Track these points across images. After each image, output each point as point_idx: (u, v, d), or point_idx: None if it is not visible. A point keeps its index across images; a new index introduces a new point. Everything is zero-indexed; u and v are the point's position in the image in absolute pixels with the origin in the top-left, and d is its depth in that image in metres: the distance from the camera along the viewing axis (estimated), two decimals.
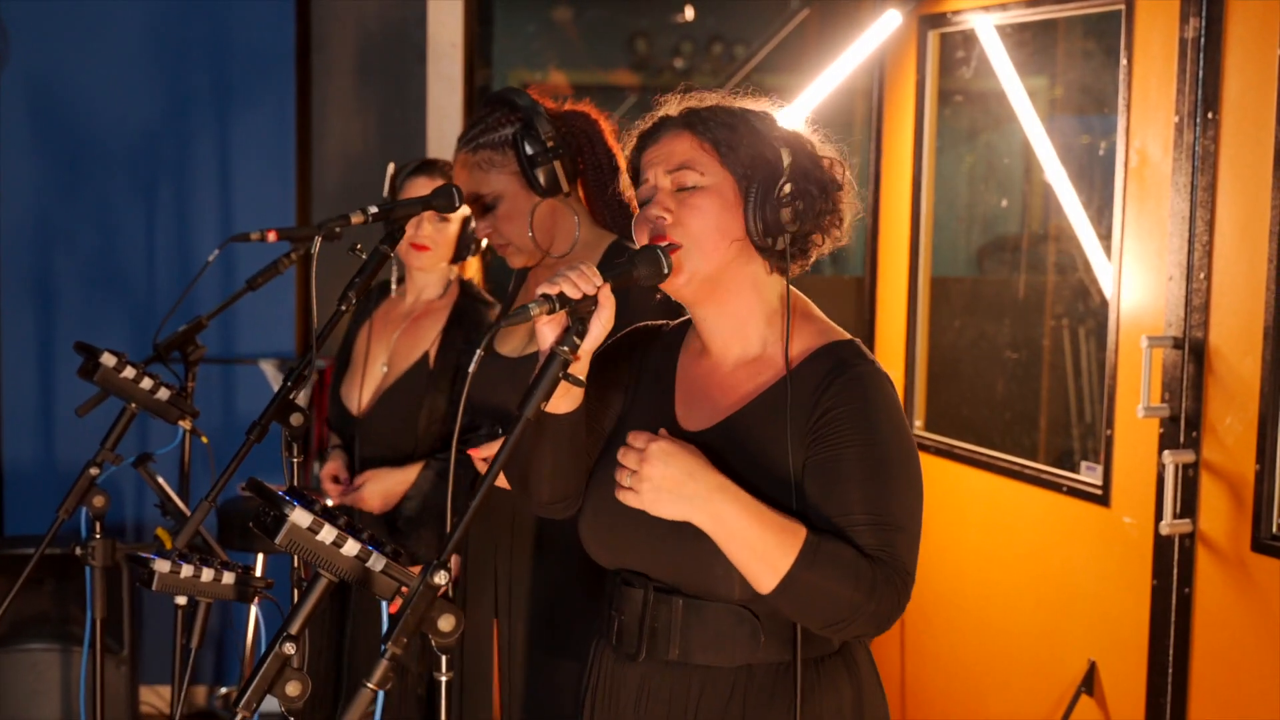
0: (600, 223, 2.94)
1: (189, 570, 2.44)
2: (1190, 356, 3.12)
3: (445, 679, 1.88)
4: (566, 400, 2.01)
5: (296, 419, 2.68)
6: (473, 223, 3.48)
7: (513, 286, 3.13)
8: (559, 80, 6.13)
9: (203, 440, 3.02)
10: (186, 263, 4.85)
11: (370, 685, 1.78)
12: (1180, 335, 3.15)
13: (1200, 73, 3.08)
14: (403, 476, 3.42)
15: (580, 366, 1.96)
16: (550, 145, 2.84)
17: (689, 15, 6.26)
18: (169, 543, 2.68)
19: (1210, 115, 3.07)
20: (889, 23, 4.01)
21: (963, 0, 3.88)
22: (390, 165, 3.59)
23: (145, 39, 4.81)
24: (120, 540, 3.00)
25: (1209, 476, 3.10)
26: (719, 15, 6.30)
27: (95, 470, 2.88)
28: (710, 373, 2.12)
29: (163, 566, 2.42)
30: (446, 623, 1.79)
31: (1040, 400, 4.85)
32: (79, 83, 4.81)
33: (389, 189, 3.55)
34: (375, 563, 1.82)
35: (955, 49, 4.28)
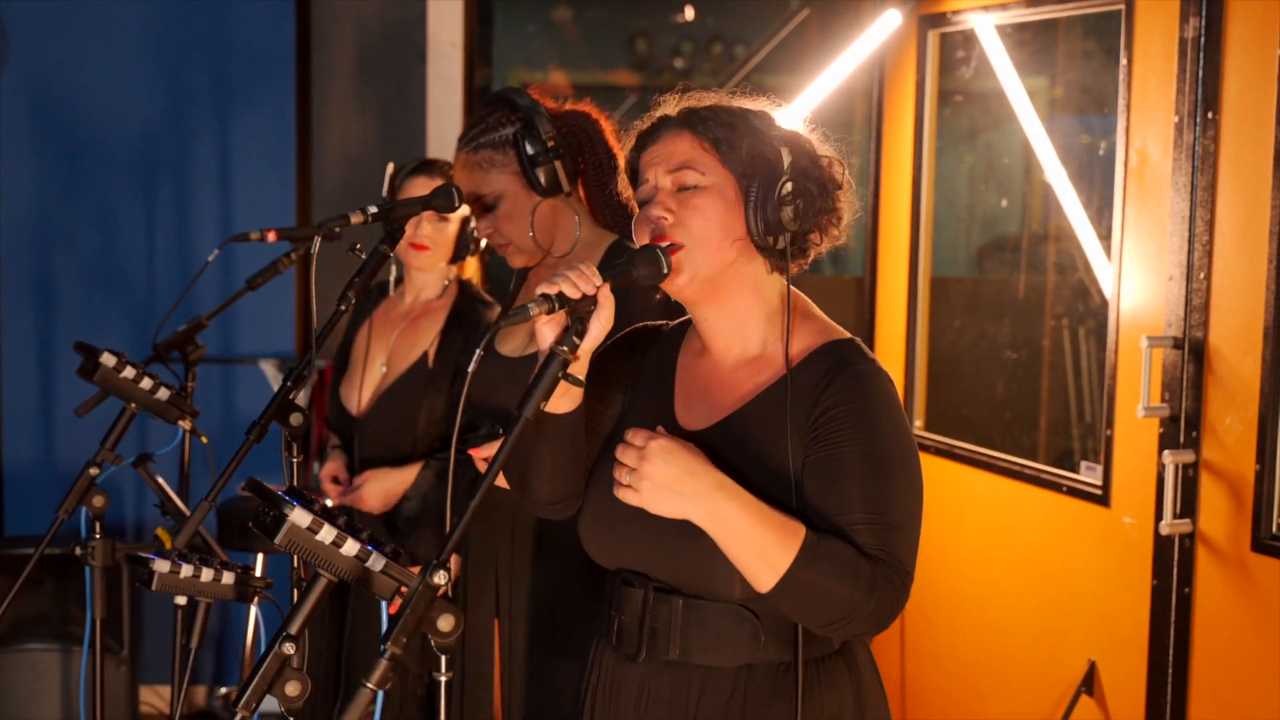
0: (601, 222, 2.94)
1: (189, 570, 2.44)
2: (1190, 356, 3.12)
3: (445, 679, 1.88)
4: (566, 400, 2.01)
5: (296, 419, 2.69)
6: (472, 222, 3.48)
7: (513, 286, 3.13)
8: (559, 80, 6.13)
9: (202, 440, 3.02)
10: (186, 263, 4.85)
11: (369, 685, 1.78)
12: (1180, 335, 3.14)
13: (1200, 73, 3.08)
14: (402, 476, 3.42)
15: (580, 366, 1.96)
16: (551, 145, 2.84)
17: (689, 15, 6.26)
18: (169, 543, 2.68)
19: (1210, 115, 3.07)
20: (889, 23, 4.01)
21: (963, 0, 3.88)
22: (390, 165, 3.59)
23: (145, 39, 4.81)
24: (120, 540, 2.99)
25: (1209, 476, 3.10)
26: (719, 15, 6.30)
27: (95, 470, 2.88)
28: (710, 372, 2.12)
29: (162, 566, 2.42)
30: (446, 623, 1.78)
31: (1040, 400, 4.85)
32: (79, 83, 4.81)
33: (388, 189, 3.55)
34: (375, 563, 1.82)
35: (955, 49, 4.28)
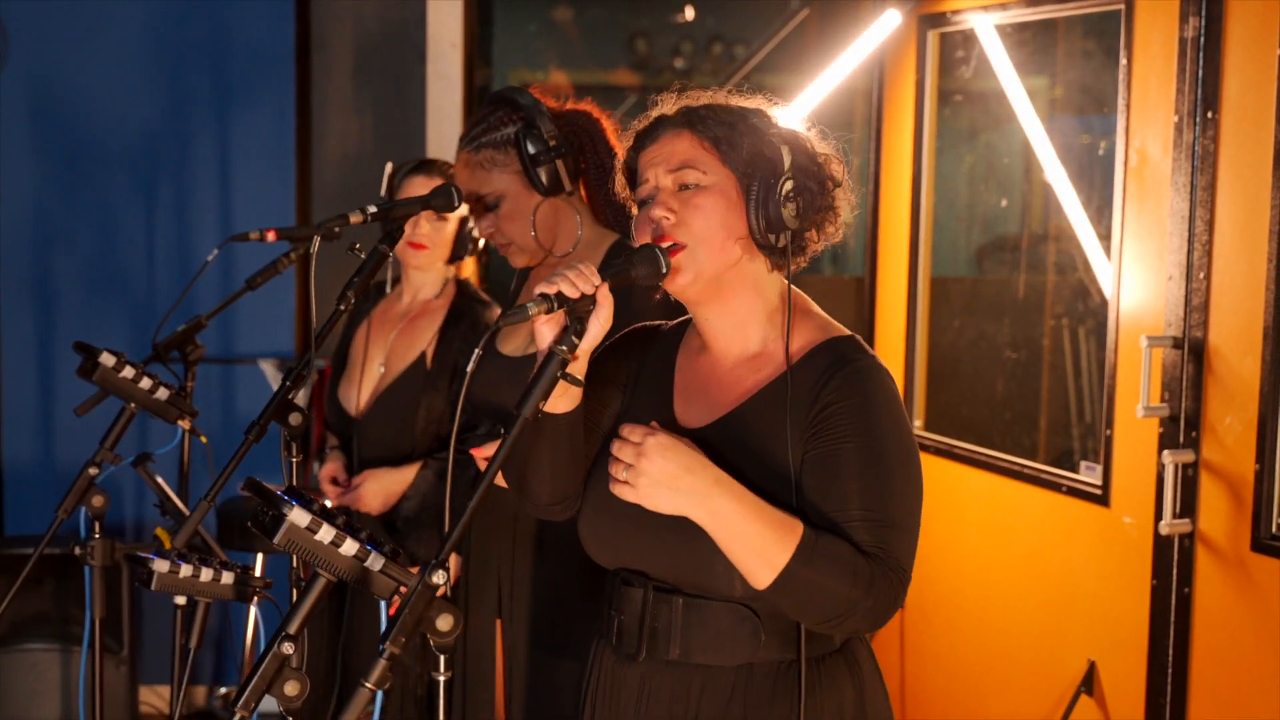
0: (602, 222, 2.94)
1: (188, 570, 2.44)
2: (1190, 356, 3.12)
3: (443, 679, 1.88)
4: (565, 400, 2.01)
5: (295, 419, 2.69)
6: (470, 222, 3.48)
7: (514, 286, 3.13)
8: (559, 80, 6.12)
9: (202, 440, 3.02)
10: (186, 263, 4.85)
11: (368, 685, 1.77)
12: (1180, 335, 3.14)
13: (1200, 72, 3.08)
14: (401, 476, 3.42)
15: (579, 366, 1.96)
16: (552, 144, 2.84)
17: (689, 15, 6.26)
18: (168, 542, 2.68)
19: (1210, 115, 3.07)
20: (889, 23, 4.01)
21: (962, 0, 3.87)
22: (388, 165, 3.59)
23: (145, 39, 4.81)
24: (119, 540, 2.99)
25: (1209, 476, 3.10)
26: (719, 15, 6.30)
27: (94, 470, 2.88)
28: (710, 370, 2.12)
29: (162, 566, 2.42)
30: (445, 622, 1.78)
31: (1040, 400, 4.85)
32: (79, 83, 4.81)
33: (387, 188, 3.54)
34: (373, 562, 1.81)
35: (955, 49, 4.28)
